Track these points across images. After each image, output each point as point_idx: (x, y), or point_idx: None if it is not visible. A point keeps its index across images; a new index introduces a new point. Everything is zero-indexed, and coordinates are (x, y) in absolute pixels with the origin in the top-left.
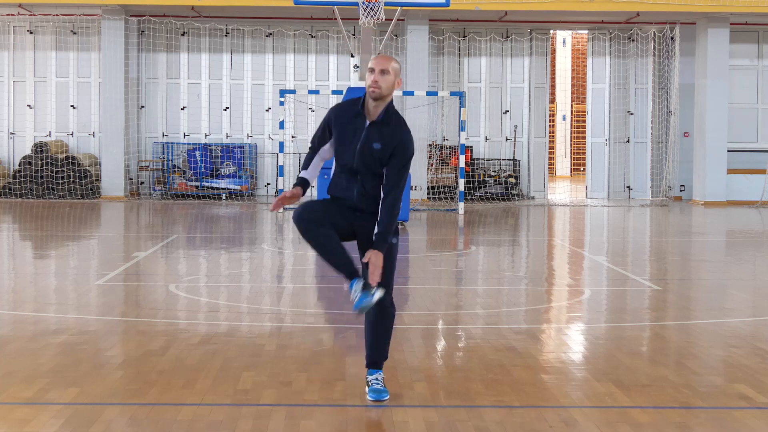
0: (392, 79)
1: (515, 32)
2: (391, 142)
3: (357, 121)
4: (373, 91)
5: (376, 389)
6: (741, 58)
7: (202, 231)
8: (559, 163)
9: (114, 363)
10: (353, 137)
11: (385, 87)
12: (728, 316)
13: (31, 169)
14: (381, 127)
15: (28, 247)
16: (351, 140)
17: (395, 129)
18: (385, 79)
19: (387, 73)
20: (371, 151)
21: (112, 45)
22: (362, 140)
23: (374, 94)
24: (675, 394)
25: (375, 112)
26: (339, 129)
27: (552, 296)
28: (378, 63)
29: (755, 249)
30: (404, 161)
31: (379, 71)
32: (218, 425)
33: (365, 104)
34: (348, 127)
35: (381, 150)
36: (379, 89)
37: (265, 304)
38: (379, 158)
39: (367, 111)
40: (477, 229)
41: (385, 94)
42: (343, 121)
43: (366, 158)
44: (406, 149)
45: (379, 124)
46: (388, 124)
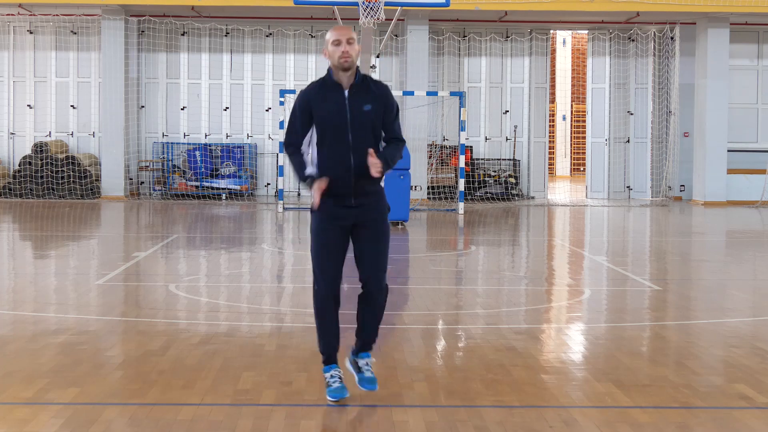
0: (357, 48)
1: (515, 32)
2: (378, 99)
3: (334, 95)
4: (345, 61)
5: (369, 378)
6: (741, 58)
7: (202, 231)
8: (559, 163)
9: (114, 363)
10: (338, 110)
11: (354, 55)
12: (728, 316)
13: (31, 169)
14: (361, 89)
15: (28, 247)
16: (337, 114)
17: (376, 86)
18: (353, 47)
19: (353, 42)
20: (363, 114)
21: (112, 45)
22: (349, 108)
23: (347, 63)
24: (675, 394)
25: (349, 81)
26: (320, 108)
27: (552, 296)
28: (343, 34)
29: (755, 249)
30: (396, 110)
31: (346, 41)
32: (218, 425)
33: (335, 77)
34: (329, 103)
35: (372, 109)
36: (351, 58)
37: (265, 304)
38: (374, 118)
39: (339, 81)
40: (477, 229)
41: (355, 62)
42: (322, 98)
43: (360, 124)
44: (394, 101)
45: (358, 88)
46: (366, 84)
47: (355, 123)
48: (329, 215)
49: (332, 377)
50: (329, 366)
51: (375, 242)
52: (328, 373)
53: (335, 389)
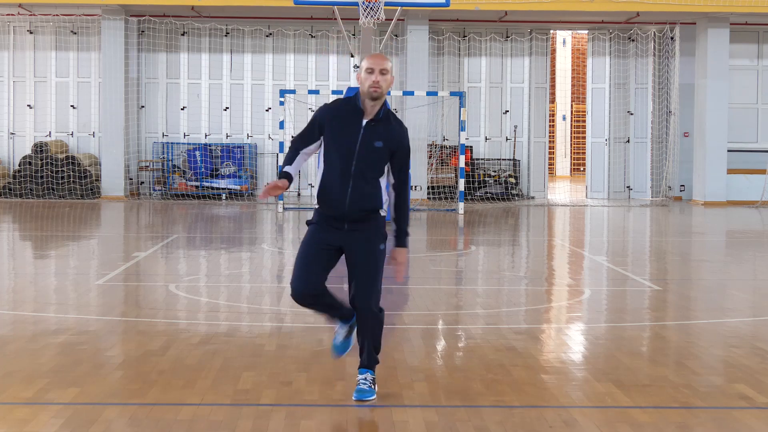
0: (390, 78)
1: (515, 32)
2: (392, 140)
3: (354, 119)
4: (375, 90)
5: (361, 389)
6: (741, 58)
7: (202, 231)
8: (559, 163)
9: (114, 363)
10: (350, 136)
11: (385, 87)
12: (728, 316)
13: (31, 169)
14: (380, 125)
15: (28, 247)
16: (348, 139)
17: (395, 127)
18: (385, 78)
19: (386, 72)
20: (372, 149)
21: (112, 45)
22: (361, 139)
23: (376, 93)
24: (675, 394)
25: (372, 111)
26: (334, 128)
27: (552, 296)
28: (377, 63)
29: (755, 249)
30: (408, 158)
31: (379, 71)
32: (218, 425)
33: (361, 103)
34: (344, 126)
35: (382, 148)
36: (380, 89)
37: (265, 304)
38: (380, 156)
39: (363, 109)
40: (477, 229)
41: (384, 94)
42: (339, 119)
43: (366, 157)
44: (408, 146)
45: (377, 123)
46: (387, 122)
47: (361, 155)
48: (321, 231)
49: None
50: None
51: (363, 268)
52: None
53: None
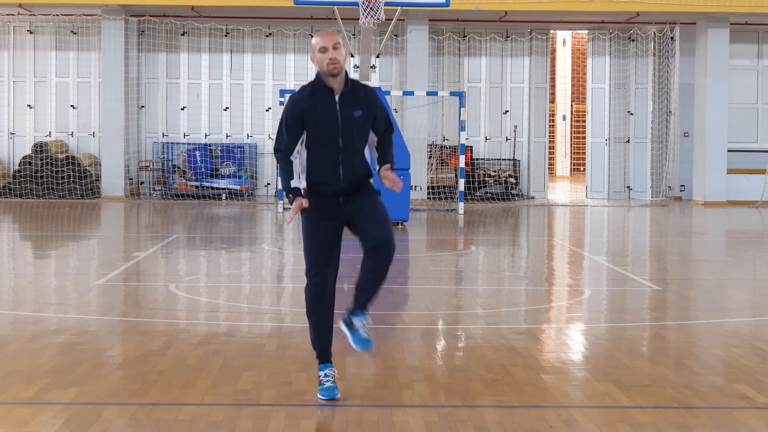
0: (343, 51)
1: (515, 32)
2: (369, 105)
3: (325, 100)
4: (334, 67)
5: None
6: (741, 58)
7: (202, 231)
8: (559, 163)
9: (114, 363)
10: (328, 116)
11: (342, 60)
12: (728, 316)
13: (31, 169)
14: (351, 95)
15: (28, 247)
16: (327, 120)
17: (366, 92)
18: (340, 52)
19: (339, 47)
20: (353, 120)
21: (112, 45)
22: (340, 113)
23: (336, 69)
24: (675, 394)
25: (339, 86)
26: (312, 113)
27: (552, 296)
28: (328, 40)
29: (755, 249)
30: (386, 113)
31: (332, 47)
32: (218, 425)
33: (326, 82)
34: (320, 108)
35: (363, 115)
36: (339, 63)
37: (265, 304)
38: (364, 123)
39: (331, 87)
40: (477, 229)
41: (343, 67)
42: (312, 104)
43: (350, 129)
44: (382, 104)
45: (349, 93)
46: (356, 90)
47: (345, 128)
48: (319, 214)
49: (326, 376)
50: (324, 364)
51: (373, 206)
52: (323, 372)
53: (327, 388)
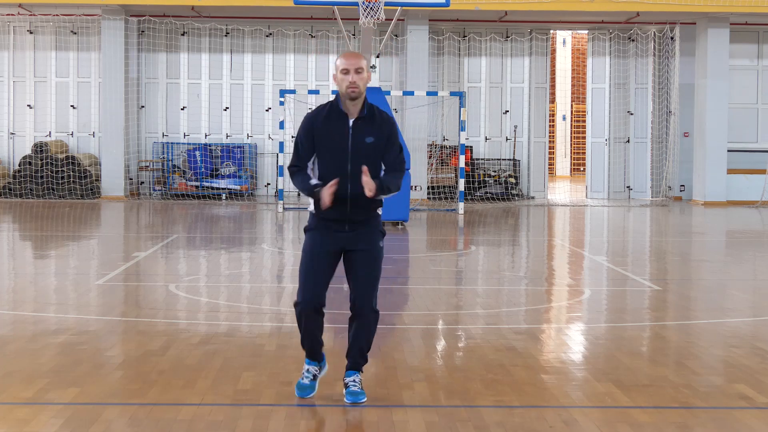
0: (366, 76)
1: (515, 32)
2: (382, 133)
3: (339, 122)
4: (353, 91)
5: (353, 392)
6: (741, 58)
7: (202, 231)
8: (559, 163)
9: (114, 363)
10: (340, 138)
11: (363, 85)
12: (728, 316)
13: (31, 169)
14: (366, 121)
15: (28, 247)
16: (338, 143)
17: (382, 119)
18: (361, 77)
19: (361, 71)
20: (364, 146)
21: (112, 45)
22: (352, 138)
23: (354, 94)
24: (675, 394)
25: (355, 110)
26: (323, 134)
27: (552, 296)
28: (351, 63)
29: (755, 249)
30: (399, 146)
31: (355, 71)
32: (218, 425)
33: (343, 105)
34: (332, 131)
35: (374, 143)
36: (358, 89)
37: (265, 304)
38: (373, 152)
39: (347, 110)
40: (477, 229)
41: (363, 92)
42: (326, 125)
43: (359, 155)
44: (396, 135)
45: (363, 120)
46: (372, 117)
47: (355, 153)
48: (322, 236)
49: (307, 371)
50: (310, 360)
51: (366, 268)
52: (306, 367)
53: (302, 385)
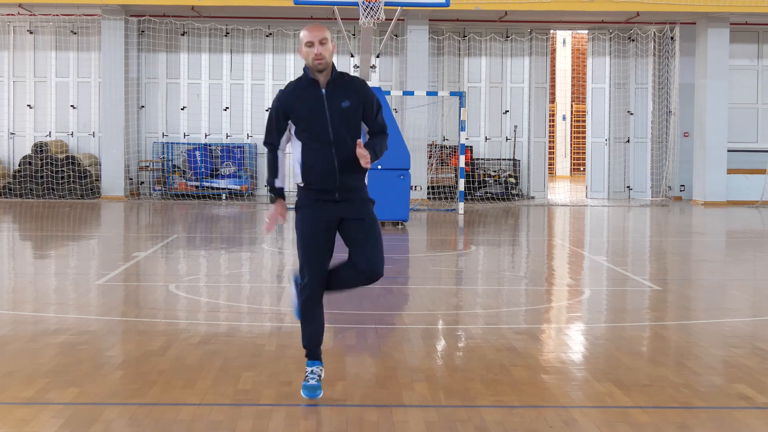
0: (331, 47)
1: (515, 32)
2: (357, 94)
3: (311, 93)
4: (319, 63)
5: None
6: (741, 58)
7: (202, 231)
8: (559, 163)
9: (114, 363)
10: (316, 109)
11: (328, 56)
12: (728, 316)
13: (31, 169)
14: (338, 85)
15: (28, 247)
16: (315, 113)
17: (353, 82)
18: (326, 48)
19: (326, 42)
20: (342, 111)
21: (112, 45)
22: (327, 105)
23: (321, 65)
24: (675, 394)
25: (325, 79)
26: (298, 108)
27: (552, 296)
28: (315, 35)
29: (755, 249)
30: (378, 105)
31: (319, 42)
32: (218, 425)
33: (312, 75)
34: (306, 103)
35: (351, 105)
36: (324, 59)
37: (265, 304)
38: (353, 114)
39: (317, 79)
40: (477, 229)
41: (329, 63)
42: (299, 100)
43: (340, 120)
44: (373, 95)
45: (335, 84)
46: (342, 80)
47: (334, 119)
48: (315, 211)
49: (312, 373)
50: (313, 361)
51: (367, 233)
52: (309, 368)
53: (310, 386)
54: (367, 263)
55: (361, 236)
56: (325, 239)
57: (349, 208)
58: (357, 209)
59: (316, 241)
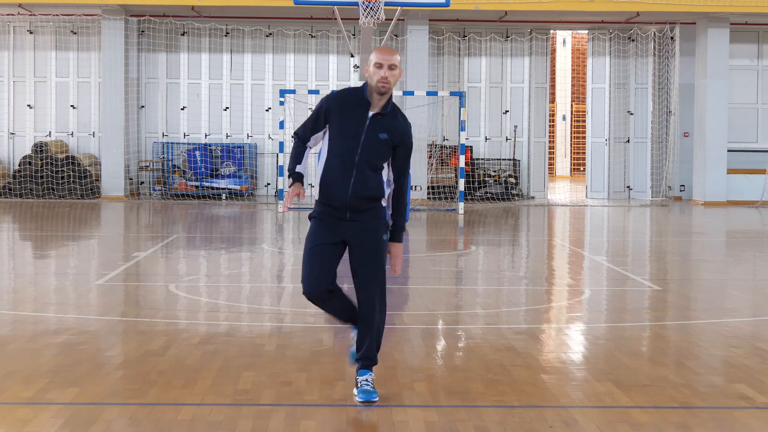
0: (398, 73)
1: (515, 32)
2: (397, 133)
3: (360, 110)
4: (383, 86)
5: (366, 390)
6: (741, 58)
7: (202, 231)
8: (559, 163)
9: (114, 363)
10: (356, 127)
11: (393, 82)
12: (728, 316)
13: (31, 169)
14: (386, 118)
15: (28, 247)
16: (354, 130)
17: (400, 120)
18: (393, 74)
19: (395, 68)
20: (377, 141)
21: (112, 45)
22: (366, 130)
23: (384, 89)
24: (675, 394)
25: (379, 104)
26: (341, 117)
27: (552, 296)
28: (386, 58)
29: (755, 249)
30: (410, 152)
31: (388, 66)
32: (218, 425)
33: (369, 95)
34: (351, 117)
35: (387, 140)
36: (389, 84)
37: (265, 304)
38: (384, 149)
39: (371, 101)
40: (477, 229)
41: (392, 89)
42: (346, 109)
43: (370, 147)
44: (411, 140)
45: (384, 116)
46: (393, 116)
47: (366, 145)
48: (324, 225)
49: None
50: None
51: (368, 261)
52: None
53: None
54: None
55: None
56: (328, 254)
57: (355, 230)
58: (362, 235)
59: (318, 254)
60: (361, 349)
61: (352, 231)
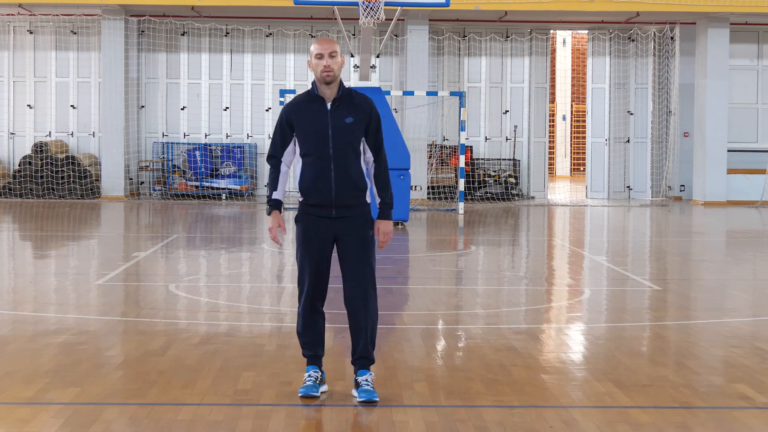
0: (340, 60)
1: (515, 32)
2: (360, 111)
3: (316, 107)
4: (327, 75)
5: (366, 390)
6: (741, 58)
7: (202, 231)
8: (559, 163)
9: (114, 363)
10: (319, 123)
11: (337, 69)
12: (728, 316)
13: (31, 169)
14: (344, 102)
15: (28, 247)
16: (318, 127)
17: (359, 99)
18: (335, 61)
19: (335, 55)
20: (344, 126)
21: (112, 45)
22: (331, 120)
23: (329, 77)
24: (675, 394)
25: (332, 94)
26: (302, 121)
27: (552, 296)
28: (325, 47)
29: (755, 249)
30: (379, 124)
31: (329, 55)
32: (218, 425)
33: (319, 90)
34: (311, 117)
35: (354, 122)
36: (333, 72)
37: (265, 304)
38: (355, 131)
39: (323, 95)
40: (477, 229)
41: (337, 76)
42: (305, 112)
43: (341, 136)
44: (376, 112)
45: (341, 101)
46: (350, 97)
47: (336, 135)
48: (311, 226)
49: (309, 377)
50: (311, 366)
51: (356, 257)
52: (307, 373)
53: (306, 386)
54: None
55: (347, 260)
56: (320, 254)
57: (343, 226)
58: (350, 230)
59: (312, 256)
60: (356, 350)
61: (339, 228)
